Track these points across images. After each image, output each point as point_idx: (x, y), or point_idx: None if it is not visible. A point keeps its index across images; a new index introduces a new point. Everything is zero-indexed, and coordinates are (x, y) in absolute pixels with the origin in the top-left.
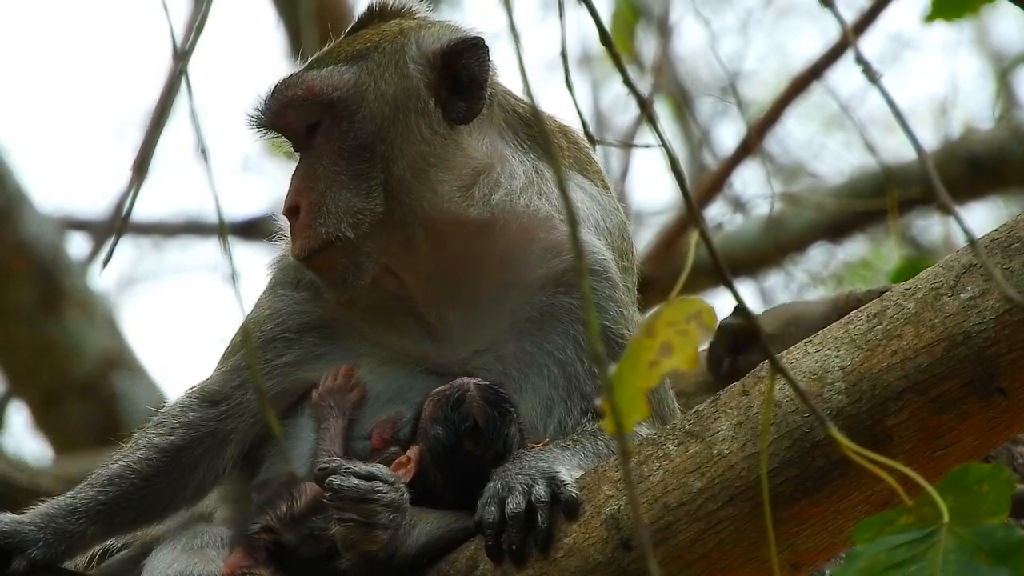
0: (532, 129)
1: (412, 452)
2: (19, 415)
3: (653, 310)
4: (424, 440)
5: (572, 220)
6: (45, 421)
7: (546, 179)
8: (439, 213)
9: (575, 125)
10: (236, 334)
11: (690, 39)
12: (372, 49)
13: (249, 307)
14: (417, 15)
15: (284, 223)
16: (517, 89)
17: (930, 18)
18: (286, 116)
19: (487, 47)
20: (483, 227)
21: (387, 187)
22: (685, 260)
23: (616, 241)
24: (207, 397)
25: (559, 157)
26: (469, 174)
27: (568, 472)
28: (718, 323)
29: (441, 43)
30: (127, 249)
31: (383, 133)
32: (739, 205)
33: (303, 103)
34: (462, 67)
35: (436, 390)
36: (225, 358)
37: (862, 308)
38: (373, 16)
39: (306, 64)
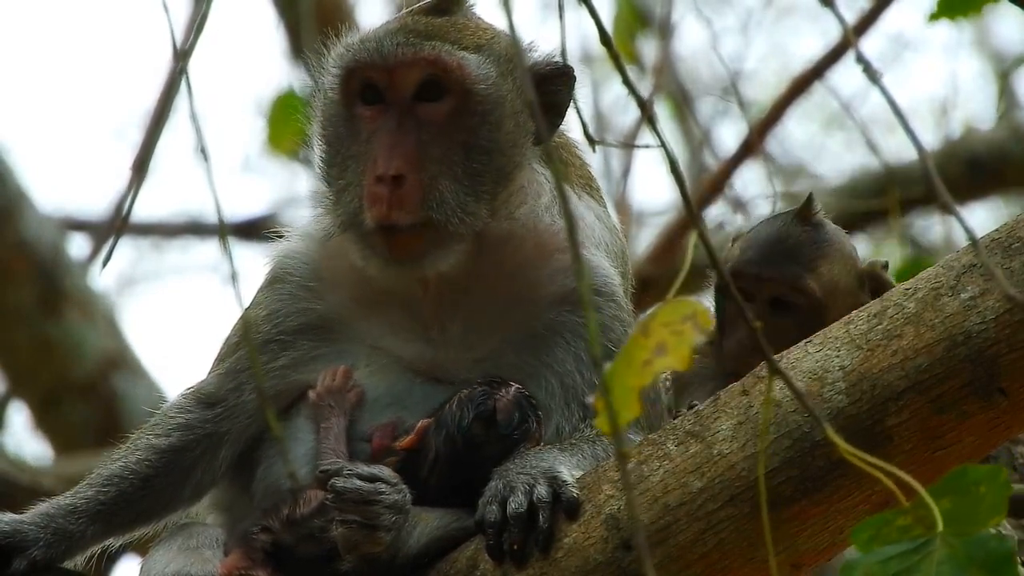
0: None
1: (420, 423)
2: (19, 415)
3: (649, 310)
4: (438, 416)
5: (573, 237)
6: (45, 421)
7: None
8: (484, 225)
9: (576, 135)
10: (231, 334)
11: (691, 39)
12: (487, 48)
13: (248, 307)
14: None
15: (366, 183)
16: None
17: (935, 16)
18: (413, 73)
19: (575, 77)
20: (500, 240)
21: (492, 198)
22: (684, 261)
23: (620, 264)
24: (203, 399)
25: (564, 175)
26: (515, 191)
27: (569, 472)
28: None
29: (539, 65)
30: (127, 249)
31: (504, 147)
32: (740, 205)
33: (447, 70)
34: (552, 92)
35: (480, 380)
36: (221, 359)
37: (862, 308)
38: (450, 3)
39: (419, 31)
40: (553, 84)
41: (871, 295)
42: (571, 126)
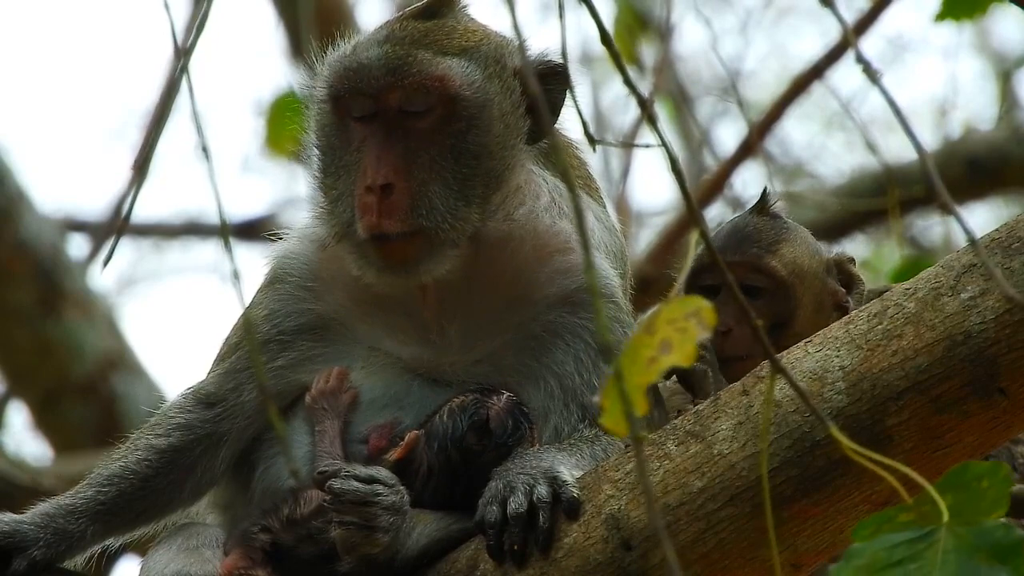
0: (544, 145)
1: (409, 435)
2: (19, 415)
3: (653, 308)
4: (430, 426)
5: (584, 234)
6: (45, 421)
7: (566, 198)
8: (479, 227)
9: (575, 135)
10: (231, 334)
11: (691, 39)
12: (474, 51)
13: (248, 307)
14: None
15: (356, 195)
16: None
17: (941, 17)
18: (396, 96)
19: (569, 76)
20: (499, 242)
21: (484, 202)
22: (685, 260)
23: (619, 264)
24: (203, 399)
25: (575, 181)
26: (510, 192)
27: (569, 472)
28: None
29: (531, 64)
30: (127, 249)
31: (494, 149)
32: (739, 205)
33: (428, 88)
34: (545, 90)
35: (470, 388)
36: (221, 359)
37: (862, 308)
38: (441, 5)
39: (404, 41)
40: (546, 83)
41: (841, 286)
42: (570, 126)
